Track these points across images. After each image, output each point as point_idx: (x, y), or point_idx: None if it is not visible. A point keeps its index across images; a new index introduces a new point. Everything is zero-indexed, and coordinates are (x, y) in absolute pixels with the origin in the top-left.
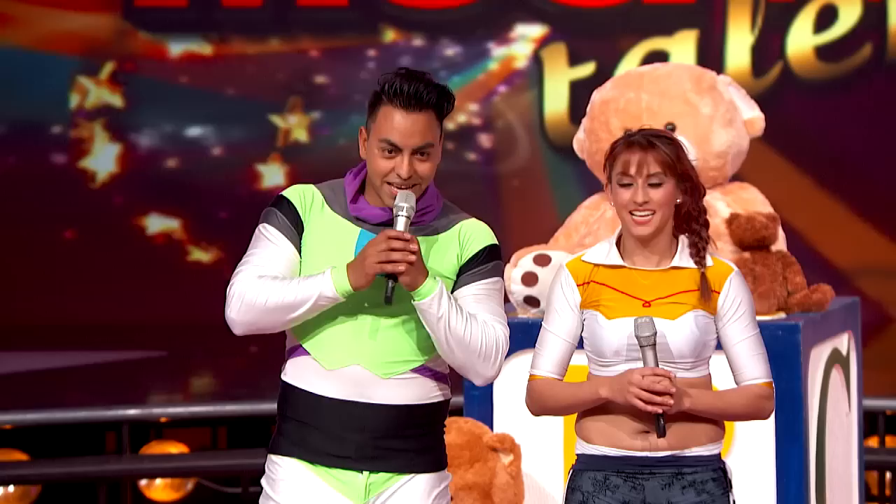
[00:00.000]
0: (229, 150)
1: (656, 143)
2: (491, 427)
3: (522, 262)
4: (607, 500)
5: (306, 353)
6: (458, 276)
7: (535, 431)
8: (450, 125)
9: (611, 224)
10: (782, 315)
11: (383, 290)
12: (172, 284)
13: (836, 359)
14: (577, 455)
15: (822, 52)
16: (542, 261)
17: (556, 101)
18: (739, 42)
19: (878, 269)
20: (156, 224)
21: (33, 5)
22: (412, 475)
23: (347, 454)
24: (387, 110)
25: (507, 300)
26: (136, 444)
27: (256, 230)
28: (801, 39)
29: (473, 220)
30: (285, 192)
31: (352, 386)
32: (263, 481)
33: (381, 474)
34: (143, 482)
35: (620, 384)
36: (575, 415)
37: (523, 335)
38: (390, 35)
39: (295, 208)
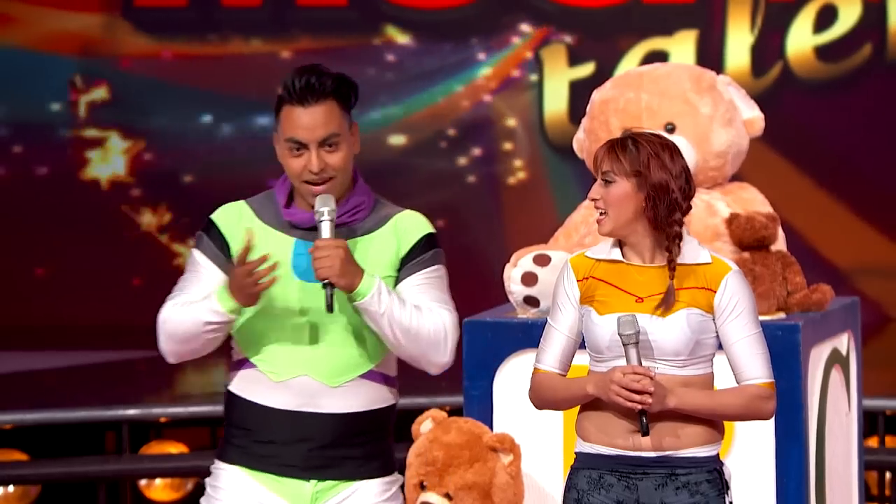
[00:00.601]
0: (229, 151)
1: (621, 144)
2: (490, 427)
3: (522, 262)
4: (602, 498)
5: (253, 366)
6: (399, 269)
7: (534, 431)
8: (450, 125)
9: None
10: (782, 315)
11: (323, 298)
12: (173, 285)
13: (836, 359)
14: (576, 453)
15: (822, 52)
16: (542, 261)
17: (555, 100)
18: (739, 42)
19: (878, 269)
20: (157, 224)
21: (33, 5)
22: (358, 481)
23: (294, 463)
24: (287, 110)
25: (506, 300)
26: (136, 444)
27: (189, 256)
28: (801, 39)
29: (407, 211)
30: (213, 215)
31: (300, 396)
32: (207, 484)
33: (328, 482)
34: (143, 482)
35: (604, 381)
36: (575, 413)
37: (522, 335)
38: (390, 35)
39: (221, 232)
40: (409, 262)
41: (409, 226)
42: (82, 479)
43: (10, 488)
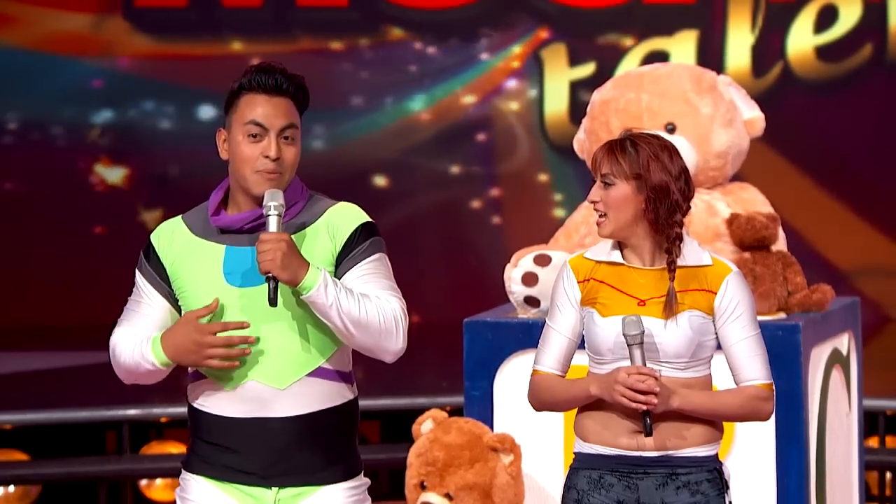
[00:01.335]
0: None
1: (626, 144)
2: (491, 427)
3: (523, 262)
4: (602, 498)
5: (204, 377)
6: (338, 264)
7: (535, 431)
8: (450, 125)
9: None
10: (782, 315)
11: (265, 296)
12: None
13: (837, 359)
14: (575, 454)
15: (823, 52)
16: (543, 261)
17: (556, 101)
18: (740, 42)
19: (878, 269)
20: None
21: (32, 5)
22: (323, 487)
23: (254, 471)
24: (249, 98)
25: (507, 300)
26: (137, 444)
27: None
28: (802, 39)
29: (341, 204)
30: (152, 235)
31: (252, 403)
32: (177, 495)
33: (291, 489)
34: (144, 482)
35: (607, 382)
36: (574, 415)
37: (523, 335)
38: (390, 35)
39: (156, 252)
40: (347, 257)
41: (342, 220)
42: (83, 479)
43: (11, 488)
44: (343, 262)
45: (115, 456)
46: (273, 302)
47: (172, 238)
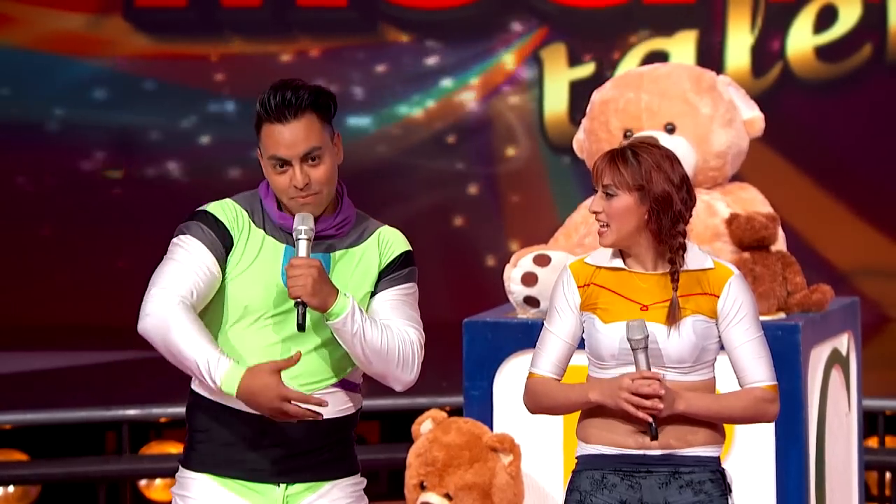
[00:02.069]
0: (229, 151)
1: (627, 154)
2: (490, 427)
3: (522, 262)
4: (605, 498)
5: None
6: (377, 281)
7: (534, 432)
8: (450, 125)
9: None
10: (782, 315)
11: (295, 316)
12: None
13: (836, 359)
14: (577, 458)
15: (822, 52)
16: (542, 261)
17: (555, 101)
18: (739, 42)
19: (878, 270)
20: (158, 225)
21: (33, 5)
22: (329, 483)
23: (263, 467)
24: (267, 128)
25: (506, 300)
26: (136, 444)
27: (173, 242)
28: (801, 40)
29: (389, 227)
30: (208, 207)
31: None
32: (174, 493)
33: (299, 485)
34: (143, 482)
35: (611, 389)
36: (575, 414)
37: (523, 335)
38: (390, 35)
39: (223, 223)
40: (386, 276)
41: (391, 241)
42: (82, 479)
43: (10, 488)
44: (382, 279)
45: (115, 456)
46: (301, 327)
47: (237, 218)
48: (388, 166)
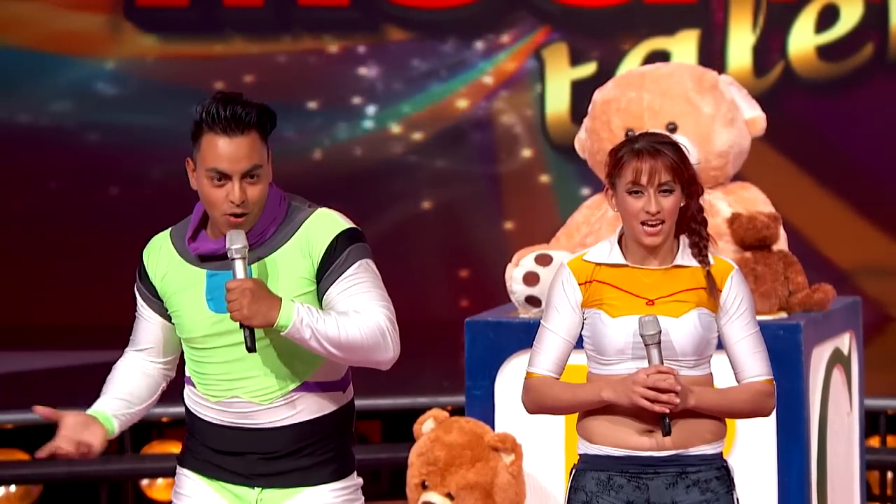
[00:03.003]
0: None
1: (663, 149)
2: (492, 426)
3: (524, 261)
4: (611, 500)
5: (194, 384)
6: (319, 280)
7: (536, 431)
8: (451, 125)
9: (612, 223)
10: (784, 315)
11: (244, 339)
12: None
13: (838, 358)
14: (580, 455)
15: (824, 51)
16: (544, 260)
17: (557, 100)
18: (741, 42)
19: (880, 269)
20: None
21: (34, 5)
22: (306, 489)
23: (239, 471)
24: (209, 138)
25: (508, 300)
26: (138, 443)
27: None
28: (803, 39)
29: (317, 213)
30: (143, 252)
31: (237, 415)
32: (173, 491)
33: (274, 490)
34: (145, 482)
35: (624, 386)
36: (576, 414)
37: (525, 335)
38: (391, 34)
39: (146, 270)
40: (326, 272)
41: (316, 234)
42: (84, 478)
43: (12, 488)
44: (323, 277)
45: (117, 455)
46: (251, 349)
47: (159, 256)
48: (390, 166)
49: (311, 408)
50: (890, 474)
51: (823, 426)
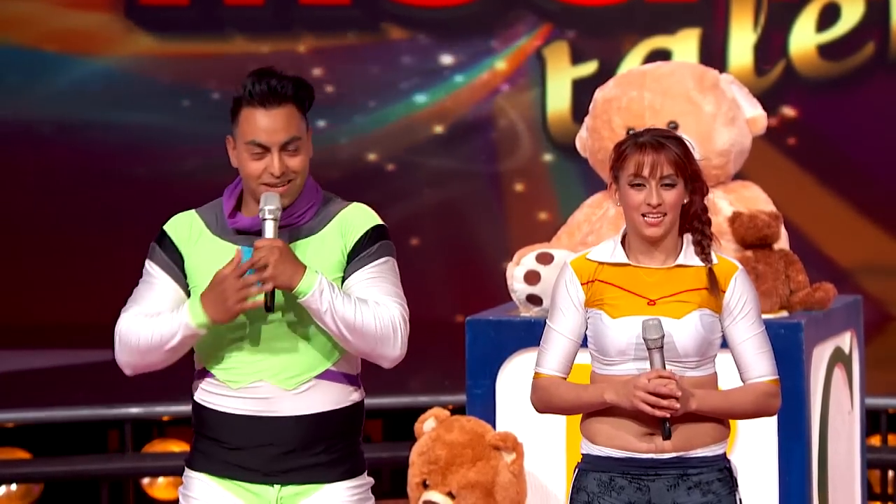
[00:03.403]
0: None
1: (667, 143)
2: (493, 425)
3: (525, 260)
4: (612, 501)
5: (212, 375)
6: (347, 263)
7: (537, 430)
8: (452, 123)
9: (613, 222)
10: (784, 313)
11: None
12: None
13: (839, 357)
14: (583, 455)
15: (825, 50)
16: (545, 259)
17: (558, 99)
18: (742, 41)
19: (881, 268)
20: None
21: (35, 4)
22: (325, 485)
23: (257, 468)
24: (247, 112)
25: (509, 299)
26: (139, 442)
27: (144, 267)
28: (804, 38)
29: (353, 206)
30: (166, 226)
31: (259, 402)
32: (180, 492)
33: (293, 487)
34: (146, 481)
35: (626, 389)
36: (580, 415)
37: (525, 333)
38: (392, 33)
39: (173, 242)
40: (356, 258)
41: (354, 221)
42: (85, 477)
43: (13, 487)
44: (352, 261)
45: (118, 454)
46: (269, 308)
47: (190, 231)
48: (391, 164)
49: (329, 398)
50: (891, 473)
51: (824, 425)
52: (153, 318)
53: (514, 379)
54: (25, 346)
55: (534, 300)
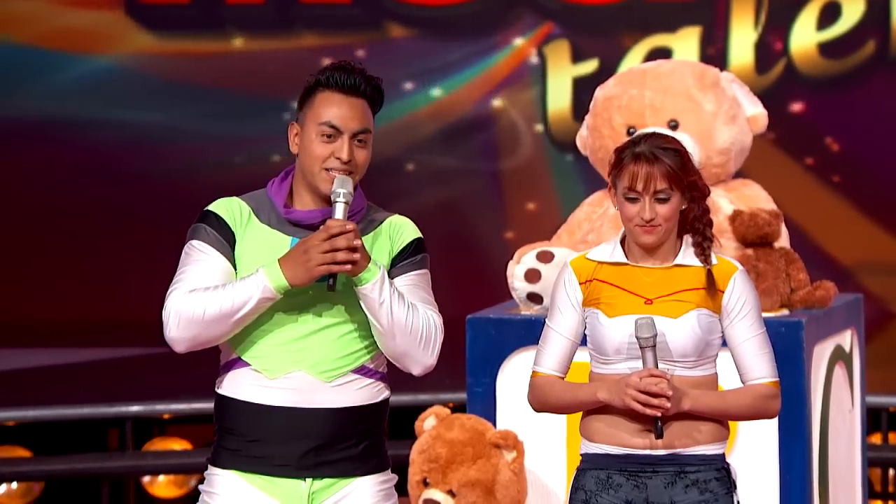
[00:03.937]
0: (231, 149)
1: (662, 156)
2: (494, 424)
3: (525, 258)
4: (610, 498)
5: (246, 364)
6: (390, 268)
7: (538, 428)
8: (453, 122)
9: (614, 221)
10: (785, 312)
11: (325, 279)
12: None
13: (840, 355)
14: (581, 455)
15: (826, 48)
16: (545, 257)
17: (559, 97)
18: (742, 39)
19: (882, 266)
20: (161, 221)
21: (36, 2)
22: (355, 479)
23: (289, 462)
24: (325, 96)
25: (509, 297)
26: (140, 440)
27: (184, 249)
28: (805, 36)
29: (398, 216)
30: (211, 207)
31: (295, 393)
32: (202, 490)
33: (325, 480)
34: (147, 479)
35: (618, 388)
36: (578, 413)
37: (526, 332)
38: (393, 31)
39: (224, 221)
40: (400, 263)
41: (402, 228)
42: (85, 475)
43: (14, 485)
44: (395, 267)
45: (118, 452)
46: (332, 288)
47: (241, 213)
48: (391, 163)
49: (362, 393)
50: (892, 471)
51: (825, 423)
52: (217, 289)
53: (515, 377)
54: (26, 344)
55: (534, 298)
